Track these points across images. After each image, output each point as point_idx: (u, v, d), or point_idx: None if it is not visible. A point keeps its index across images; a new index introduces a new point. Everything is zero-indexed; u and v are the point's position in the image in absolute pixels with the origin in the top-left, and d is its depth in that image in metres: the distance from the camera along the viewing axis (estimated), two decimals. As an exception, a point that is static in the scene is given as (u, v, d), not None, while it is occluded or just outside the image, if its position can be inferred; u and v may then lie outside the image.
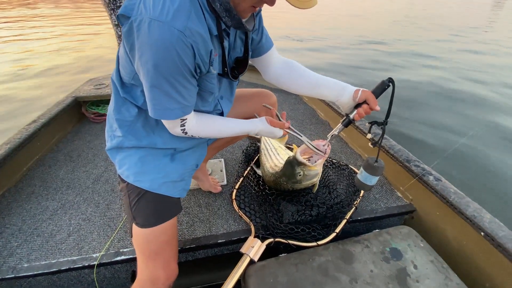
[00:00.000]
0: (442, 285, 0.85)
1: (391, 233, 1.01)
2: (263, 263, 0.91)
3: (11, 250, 1.05)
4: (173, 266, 0.84)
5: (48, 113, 1.79)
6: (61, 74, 4.85)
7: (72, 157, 1.62)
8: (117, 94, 0.81)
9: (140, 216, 0.82)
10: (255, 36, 0.88)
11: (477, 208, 1.02)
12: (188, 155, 0.93)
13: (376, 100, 0.86)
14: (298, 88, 0.97)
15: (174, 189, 0.87)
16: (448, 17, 14.49)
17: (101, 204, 1.27)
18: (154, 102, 0.69)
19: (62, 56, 5.86)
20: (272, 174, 1.17)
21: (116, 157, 0.86)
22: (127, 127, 0.82)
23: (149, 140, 0.83)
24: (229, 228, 1.13)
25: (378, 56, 6.21)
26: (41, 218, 1.19)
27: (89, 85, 2.28)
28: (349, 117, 0.91)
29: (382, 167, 0.90)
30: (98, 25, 9.44)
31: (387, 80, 0.86)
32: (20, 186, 1.39)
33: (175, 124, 0.76)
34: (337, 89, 0.90)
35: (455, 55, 6.35)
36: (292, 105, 2.28)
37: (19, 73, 4.85)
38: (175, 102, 0.69)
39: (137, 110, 0.80)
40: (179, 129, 0.77)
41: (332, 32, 9.27)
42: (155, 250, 0.82)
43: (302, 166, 1.03)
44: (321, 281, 0.84)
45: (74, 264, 0.99)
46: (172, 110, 0.71)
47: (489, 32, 10.12)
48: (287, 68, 0.97)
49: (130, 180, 0.82)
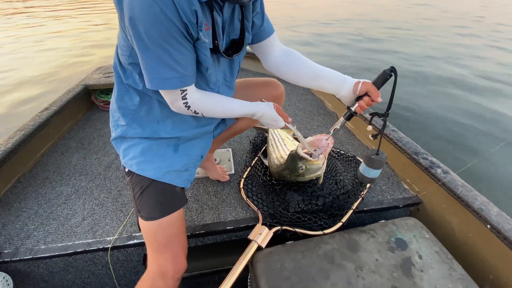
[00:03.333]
0: (446, 275, 0.86)
1: (396, 224, 1.02)
2: (270, 249, 0.93)
3: (28, 233, 1.10)
4: (182, 260, 0.84)
5: (60, 100, 1.82)
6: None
7: (83, 144, 1.66)
8: (120, 82, 0.80)
9: (145, 209, 0.82)
10: (256, 20, 0.85)
11: (485, 201, 1.03)
12: (193, 145, 0.93)
13: (378, 92, 0.83)
14: (297, 78, 0.93)
15: (178, 179, 0.87)
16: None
17: (113, 190, 1.31)
18: (150, 71, 0.66)
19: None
20: (277, 166, 1.19)
21: (120, 147, 0.87)
22: (131, 116, 0.82)
23: (152, 128, 0.83)
24: (237, 216, 1.16)
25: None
26: (56, 203, 1.24)
27: (99, 73, 2.30)
28: (350, 110, 0.89)
29: (381, 161, 0.88)
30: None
31: (389, 70, 0.82)
32: (35, 171, 1.43)
33: (176, 96, 0.72)
34: (337, 81, 0.88)
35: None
36: (300, 95, 2.27)
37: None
38: (172, 70, 0.66)
39: (139, 98, 0.79)
40: (181, 102, 0.73)
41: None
42: (162, 243, 0.82)
43: (304, 161, 1.05)
44: (327, 268, 0.87)
45: (89, 246, 1.03)
46: (170, 79, 0.67)
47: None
48: (287, 57, 0.93)
49: (134, 169, 0.83)
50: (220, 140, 1.19)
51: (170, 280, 0.81)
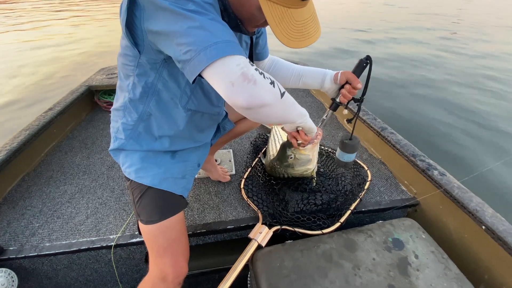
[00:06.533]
0: (441, 274, 0.88)
1: (394, 225, 1.04)
2: (270, 248, 0.95)
3: (33, 230, 1.12)
4: (182, 264, 0.83)
5: (63, 101, 1.85)
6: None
7: (86, 144, 1.69)
8: (121, 95, 0.80)
9: (144, 213, 0.82)
10: (261, 40, 0.92)
11: (480, 202, 1.05)
12: (190, 153, 0.93)
13: (357, 79, 0.88)
14: (284, 80, 1.01)
15: (175, 186, 0.86)
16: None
17: (116, 190, 1.33)
18: (207, 37, 0.52)
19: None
20: (271, 160, 1.22)
21: (119, 156, 0.87)
22: (129, 131, 0.82)
23: (149, 145, 0.83)
24: (238, 215, 1.18)
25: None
26: (60, 201, 1.26)
27: (102, 74, 2.33)
28: (335, 101, 0.94)
29: (354, 145, 0.95)
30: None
31: (365, 58, 0.90)
32: (39, 170, 1.46)
33: (245, 62, 0.55)
34: (319, 76, 0.94)
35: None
36: (300, 97, 2.31)
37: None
38: (230, 34, 0.56)
39: (137, 115, 0.79)
40: (253, 68, 0.56)
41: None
42: (162, 246, 0.81)
43: (293, 149, 1.08)
44: (325, 266, 0.89)
45: (93, 244, 1.05)
46: (233, 43, 0.55)
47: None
48: (273, 65, 1.03)
49: (132, 177, 0.83)
50: (221, 142, 1.22)
51: (171, 284, 0.80)
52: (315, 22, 0.66)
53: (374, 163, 1.52)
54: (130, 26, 0.63)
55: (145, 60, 0.68)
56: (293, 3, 0.60)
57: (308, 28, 0.64)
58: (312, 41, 0.65)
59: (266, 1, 0.59)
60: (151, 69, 0.71)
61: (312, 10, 0.66)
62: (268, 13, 0.59)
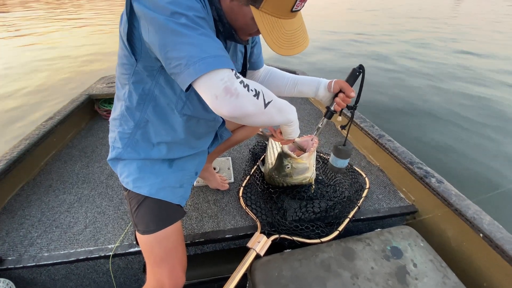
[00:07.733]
0: (440, 283, 0.88)
1: (392, 233, 1.05)
2: (268, 257, 0.95)
3: (32, 240, 1.12)
4: (179, 274, 0.82)
5: (64, 110, 1.86)
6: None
7: (86, 153, 1.69)
8: (118, 104, 0.82)
9: (141, 223, 0.82)
10: (256, 50, 0.93)
11: (477, 210, 1.05)
12: (187, 161, 0.94)
13: (350, 87, 0.90)
14: (280, 89, 1.02)
15: (172, 195, 0.86)
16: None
17: (115, 199, 1.33)
18: (197, 50, 0.56)
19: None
20: (269, 169, 1.23)
21: (117, 166, 0.88)
22: (126, 140, 0.83)
23: (147, 153, 0.84)
24: (236, 224, 1.18)
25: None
26: (59, 211, 1.26)
27: (102, 83, 2.35)
28: (330, 109, 0.95)
29: (347, 151, 0.96)
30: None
31: (358, 67, 0.92)
32: (38, 179, 1.46)
33: (230, 75, 0.58)
34: (313, 84, 0.96)
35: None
36: (298, 105, 2.32)
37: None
38: (220, 48, 0.59)
39: (133, 123, 0.80)
40: (238, 82, 0.59)
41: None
42: (159, 256, 0.81)
43: (289, 159, 1.09)
44: (323, 276, 0.89)
45: (91, 254, 1.05)
46: (222, 57, 0.58)
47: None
48: (268, 75, 1.04)
49: (130, 187, 0.83)
50: (218, 151, 1.22)
51: None
52: (303, 33, 0.71)
53: (372, 170, 1.53)
54: (129, 34, 0.66)
55: (142, 67, 0.71)
56: (283, 14, 0.64)
57: (297, 38, 0.68)
58: (300, 49, 0.69)
59: (258, 11, 0.63)
60: (148, 76, 0.72)
61: (301, 21, 0.70)
62: (260, 22, 0.63)
